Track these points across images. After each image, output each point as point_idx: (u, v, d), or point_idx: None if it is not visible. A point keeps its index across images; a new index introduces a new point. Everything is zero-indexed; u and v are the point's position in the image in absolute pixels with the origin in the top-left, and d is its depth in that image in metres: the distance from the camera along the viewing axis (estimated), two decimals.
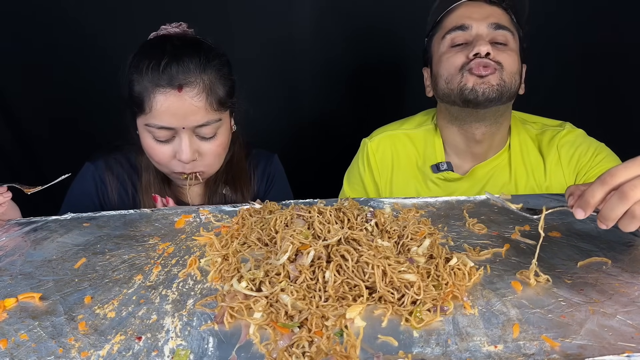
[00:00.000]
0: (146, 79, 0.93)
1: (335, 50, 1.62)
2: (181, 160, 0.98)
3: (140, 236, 0.83)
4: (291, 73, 1.63)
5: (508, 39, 1.07)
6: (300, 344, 0.56)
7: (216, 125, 0.99)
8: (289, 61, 1.60)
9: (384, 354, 0.55)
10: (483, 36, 1.05)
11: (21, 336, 0.59)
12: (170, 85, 0.92)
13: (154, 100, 0.93)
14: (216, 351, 0.57)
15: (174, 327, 0.61)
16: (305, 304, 0.62)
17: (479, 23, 1.06)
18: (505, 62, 1.05)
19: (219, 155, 1.04)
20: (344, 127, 1.71)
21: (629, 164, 0.60)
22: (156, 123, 0.95)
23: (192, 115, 0.95)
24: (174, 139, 0.98)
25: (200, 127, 0.97)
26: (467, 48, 1.06)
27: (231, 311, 0.62)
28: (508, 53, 1.06)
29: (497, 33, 1.05)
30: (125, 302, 0.66)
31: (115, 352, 0.57)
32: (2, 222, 0.90)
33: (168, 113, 0.94)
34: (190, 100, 0.94)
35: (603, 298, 0.63)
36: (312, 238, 0.72)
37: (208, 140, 1.00)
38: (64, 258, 0.77)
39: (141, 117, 0.97)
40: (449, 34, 1.09)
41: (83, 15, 1.46)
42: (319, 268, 0.67)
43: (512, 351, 0.54)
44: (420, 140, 1.22)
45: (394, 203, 0.93)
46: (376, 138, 1.25)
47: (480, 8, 1.08)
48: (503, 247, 0.76)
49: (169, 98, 0.93)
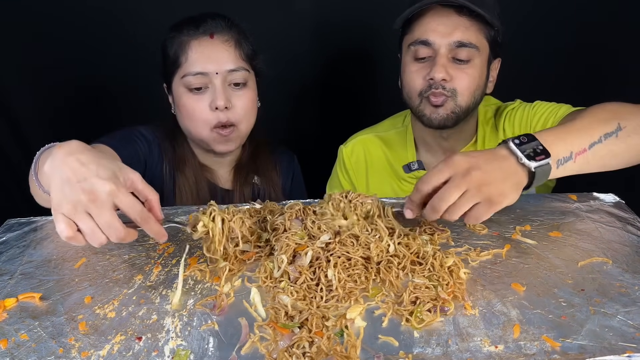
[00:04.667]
0: (183, 34, 1.06)
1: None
2: (216, 104, 1.04)
3: (140, 236, 0.83)
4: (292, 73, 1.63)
5: (471, 56, 1.05)
6: (301, 344, 0.56)
7: (245, 74, 1.08)
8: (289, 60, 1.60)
9: (385, 354, 0.55)
10: (442, 58, 1.04)
11: (21, 336, 0.59)
12: (203, 34, 1.05)
13: (189, 50, 1.05)
14: (216, 351, 0.57)
15: (174, 327, 0.61)
16: (305, 304, 0.62)
17: (442, 39, 1.04)
18: (460, 85, 1.05)
19: (249, 109, 1.10)
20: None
21: (438, 167, 0.72)
22: (192, 70, 1.04)
23: (224, 60, 1.05)
24: (207, 90, 1.06)
25: (231, 73, 1.06)
26: (428, 65, 1.06)
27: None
28: (467, 72, 1.06)
29: (460, 51, 1.04)
30: (125, 302, 0.66)
31: (115, 352, 0.57)
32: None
33: (203, 58, 1.04)
34: (221, 45, 1.06)
35: (604, 298, 0.63)
36: (308, 238, 0.73)
37: (239, 91, 1.08)
38: (64, 258, 0.77)
39: (178, 72, 1.06)
40: (413, 45, 1.08)
41: (84, 14, 1.46)
42: (319, 268, 0.67)
43: (513, 351, 0.54)
44: (392, 141, 1.26)
45: (393, 203, 0.92)
46: (350, 143, 1.29)
47: (447, 19, 1.04)
48: (503, 248, 0.76)
49: (202, 43, 1.05)
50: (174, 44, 1.07)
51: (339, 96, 1.68)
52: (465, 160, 0.71)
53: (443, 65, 1.04)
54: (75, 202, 0.61)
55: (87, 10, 1.46)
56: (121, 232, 0.62)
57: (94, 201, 0.61)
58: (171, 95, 1.12)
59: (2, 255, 0.77)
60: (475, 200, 0.70)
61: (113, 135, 1.06)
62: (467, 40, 1.04)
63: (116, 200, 0.63)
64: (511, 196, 0.72)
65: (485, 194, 0.69)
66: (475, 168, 0.70)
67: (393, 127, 1.28)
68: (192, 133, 1.11)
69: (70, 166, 0.63)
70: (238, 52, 1.07)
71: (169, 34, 1.09)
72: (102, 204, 0.61)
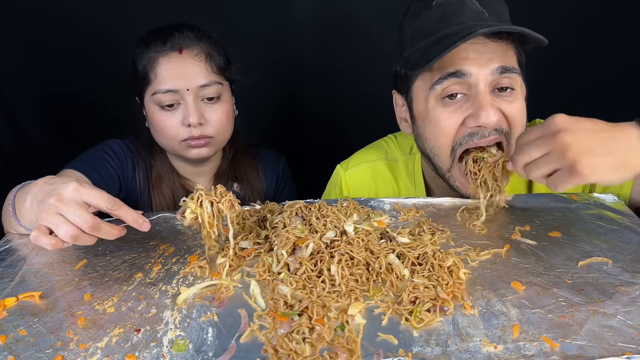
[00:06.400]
0: (150, 49, 1.03)
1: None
2: (188, 121, 1.02)
3: (141, 238, 0.83)
4: (290, 70, 1.63)
5: (515, 82, 0.86)
6: (301, 330, 0.56)
7: (218, 87, 1.05)
8: (288, 58, 1.60)
9: (384, 352, 0.55)
10: (486, 95, 0.83)
11: (20, 332, 0.59)
12: (172, 49, 1.02)
13: (158, 67, 1.02)
14: (215, 340, 0.57)
15: (173, 319, 0.61)
16: (305, 293, 0.62)
17: (480, 69, 0.83)
18: (513, 123, 0.86)
19: (224, 123, 1.08)
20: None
21: (541, 124, 0.69)
22: (162, 87, 1.02)
23: (194, 75, 1.02)
24: (180, 107, 1.03)
25: (203, 88, 1.03)
26: (464, 106, 0.85)
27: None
28: (515, 105, 0.86)
29: (503, 77, 0.84)
30: (124, 298, 0.66)
31: (114, 344, 0.57)
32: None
33: (172, 75, 1.01)
34: (191, 60, 1.02)
35: (603, 298, 0.63)
36: (309, 233, 0.73)
37: (212, 105, 1.05)
38: (65, 260, 0.77)
39: (148, 89, 1.04)
40: (438, 83, 0.85)
41: (84, 16, 1.46)
42: (321, 261, 0.67)
43: (512, 352, 0.54)
44: (400, 174, 1.10)
45: (394, 203, 0.93)
46: (353, 169, 1.11)
47: (482, 45, 0.84)
48: (503, 248, 0.76)
49: (171, 60, 1.02)
50: (142, 60, 1.03)
51: (337, 97, 1.68)
52: (563, 121, 0.66)
53: (491, 104, 0.83)
54: (47, 210, 0.66)
55: (88, 11, 1.46)
56: (89, 220, 0.65)
57: (61, 200, 0.65)
58: (144, 109, 1.09)
59: (4, 260, 0.77)
60: (554, 165, 0.66)
61: (80, 159, 1.06)
62: (509, 64, 0.85)
63: (82, 195, 0.66)
64: (607, 174, 0.66)
65: (569, 160, 0.64)
66: (567, 131, 0.65)
67: (402, 152, 1.11)
68: (165, 146, 1.10)
69: (41, 190, 0.71)
70: (209, 66, 1.04)
71: (137, 47, 1.05)
72: (68, 200, 0.65)
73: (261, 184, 1.24)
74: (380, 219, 0.84)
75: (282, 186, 1.29)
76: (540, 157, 0.67)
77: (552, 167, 0.66)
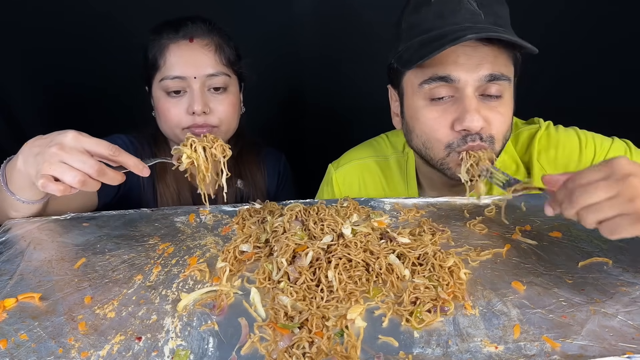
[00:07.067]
0: (162, 37, 1.05)
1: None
2: (193, 108, 1.02)
3: (140, 236, 0.83)
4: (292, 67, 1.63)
5: (503, 90, 0.87)
6: (301, 344, 0.56)
7: (225, 79, 1.06)
8: (291, 54, 1.60)
9: (385, 355, 0.55)
10: (472, 100, 0.85)
11: (21, 336, 0.59)
12: (183, 38, 1.04)
13: (167, 54, 1.04)
14: (216, 351, 0.57)
15: (174, 327, 0.61)
16: (305, 304, 0.62)
17: (469, 75, 0.84)
18: (497, 130, 0.87)
19: (229, 114, 1.08)
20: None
21: (599, 164, 0.62)
22: (170, 74, 1.03)
23: (203, 64, 1.03)
24: (186, 94, 1.04)
25: (210, 78, 1.04)
26: (452, 109, 0.87)
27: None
28: (501, 112, 0.87)
29: (490, 86, 0.85)
30: (125, 302, 0.66)
31: (115, 353, 0.57)
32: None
33: (181, 62, 1.03)
34: (201, 50, 1.04)
35: (604, 298, 0.63)
36: (308, 239, 0.73)
37: (218, 95, 1.06)
38: (64, 258, 0.77)
39: (156, 76, 1.05)
40: (427, 83, 0.87)
41: (84, 16, 1.46)
42: (319, 269, 0.67)
43: (513, 352, 0.54)
44: (391, 171, 1.10)
45: (394, 203, 0.93)
46: (342, 168, 1.12)
47: (472, 49, 0.84)
48: (504, 248, 0.76)
49: (181, 47, 1.04)
50: (153, 47, 1.06)
51: (336, 97, 1.68)
52: (630, 165, 0.61)
53: (476, 109, 0.85)
54: (49, 159, 0.67)
55: (88, 11, 1.46)
56: (95, 165, 0.67)
57: (63, 148, 0.67)
58: (152, 98, 1.11)
59: (1, 255, 0.77)
60: (620, 210, 0.59)
61: None
62: (498, 72, 0.85)
63: (82, 143, 0.68)
64: None
65: (636, 207, 0.59)
66: (637, 176, 0.59)
67: (394, 150, 1.12)
68: (168, 134, 1.10)
69: (36, 144, 0.71)
70: (218, 57, 1.05)
71: (149, 36, 1.07)
72: (70, 148, 0.67)
73: (264, 182, 1.25)
74: (381, 219, 0.84)
75: (283, 184, 1.31)
76: (603, 201, 0.60)
77: (616, 212, 0.60)
